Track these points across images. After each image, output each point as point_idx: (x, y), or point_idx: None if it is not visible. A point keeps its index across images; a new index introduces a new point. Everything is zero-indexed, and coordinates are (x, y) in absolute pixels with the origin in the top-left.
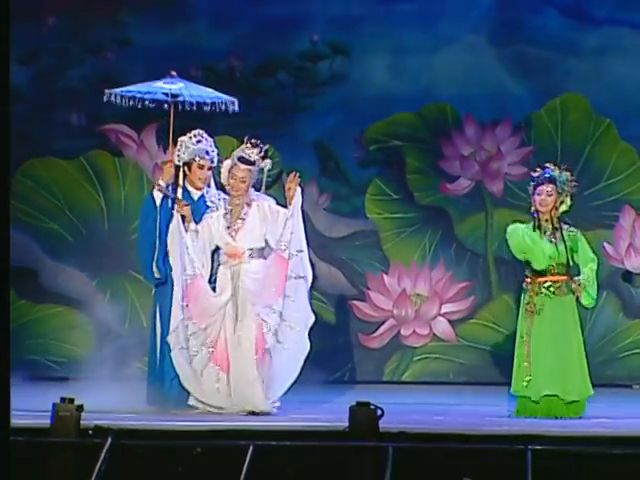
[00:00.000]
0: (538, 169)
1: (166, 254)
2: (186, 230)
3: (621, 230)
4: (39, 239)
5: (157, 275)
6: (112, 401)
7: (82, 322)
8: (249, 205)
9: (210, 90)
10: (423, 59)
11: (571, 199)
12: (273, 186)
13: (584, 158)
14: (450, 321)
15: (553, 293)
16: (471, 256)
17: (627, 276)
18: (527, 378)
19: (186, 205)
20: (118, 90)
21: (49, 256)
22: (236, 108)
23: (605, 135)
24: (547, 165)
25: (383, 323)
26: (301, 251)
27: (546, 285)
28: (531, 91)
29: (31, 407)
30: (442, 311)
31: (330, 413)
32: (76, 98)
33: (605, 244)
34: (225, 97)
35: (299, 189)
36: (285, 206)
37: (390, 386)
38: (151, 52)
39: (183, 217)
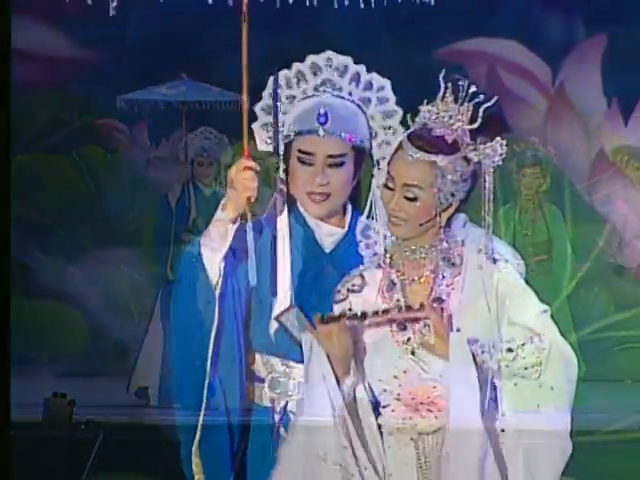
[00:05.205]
0: (522, 144)
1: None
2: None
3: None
4: (32, 234)
5: (170, 277)
6: (104, 396)
7: (74, 317)
8: None
9: (213, 88)
10: (417, 55)
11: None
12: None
13: None
14: None
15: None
16: None
17: (619, 270)
18: None
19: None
20: (131, 96)
21: (41, 251)
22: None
23: None
24: (531, 140)
25: None
26: None
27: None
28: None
29: (23, 402)
30: None
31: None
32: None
33: (597, 238)
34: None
35: None
36: None
37: None
38: (143, 48)
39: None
